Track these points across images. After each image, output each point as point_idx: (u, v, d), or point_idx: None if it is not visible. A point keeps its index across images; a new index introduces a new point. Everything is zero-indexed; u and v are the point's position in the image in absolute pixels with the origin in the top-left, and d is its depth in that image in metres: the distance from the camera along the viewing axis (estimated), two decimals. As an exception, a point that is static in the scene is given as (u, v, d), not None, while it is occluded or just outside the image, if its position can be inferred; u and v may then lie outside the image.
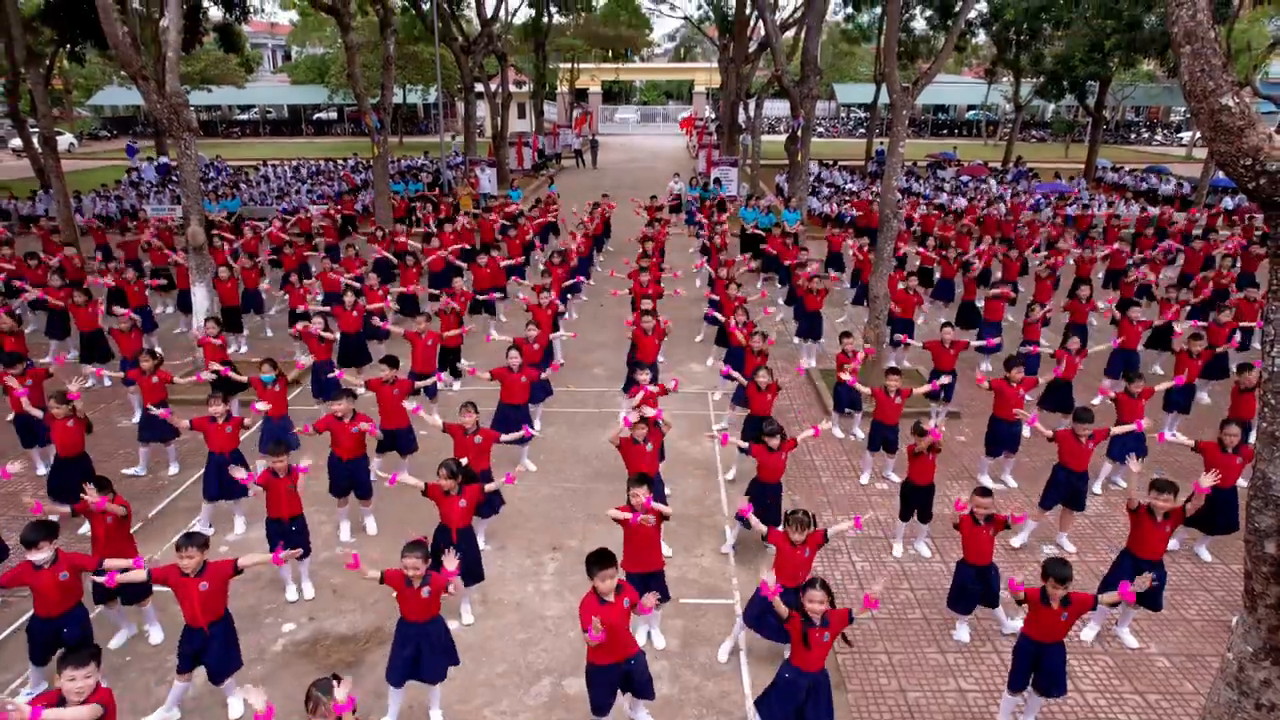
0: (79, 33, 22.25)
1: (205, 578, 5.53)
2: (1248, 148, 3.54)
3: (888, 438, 9.04)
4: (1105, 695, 6.20)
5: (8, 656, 6.51)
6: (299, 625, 6.96)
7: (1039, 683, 5.50)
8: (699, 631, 6.88)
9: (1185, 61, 3.56)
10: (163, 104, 10.59)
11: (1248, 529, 4.08)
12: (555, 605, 7.20)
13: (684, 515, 8.57)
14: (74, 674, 4.33)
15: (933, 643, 6.77)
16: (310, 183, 29.04)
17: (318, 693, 4.24)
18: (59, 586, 5.71)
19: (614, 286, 15.56)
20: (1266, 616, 4.02)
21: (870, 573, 7.71)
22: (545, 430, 10.55)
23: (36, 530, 5.64)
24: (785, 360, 13.07)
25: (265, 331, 14.39)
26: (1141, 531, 6.30)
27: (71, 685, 4.32)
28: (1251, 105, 3.60)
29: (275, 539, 7.08)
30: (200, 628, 5.58)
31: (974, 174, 31.40)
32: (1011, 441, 9.09)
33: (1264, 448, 3.97)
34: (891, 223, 10.91)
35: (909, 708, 6.07)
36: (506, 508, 8.42)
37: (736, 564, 7.82)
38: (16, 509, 8.48)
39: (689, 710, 6.03)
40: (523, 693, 6.19)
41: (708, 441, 10.27)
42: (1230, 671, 4.26)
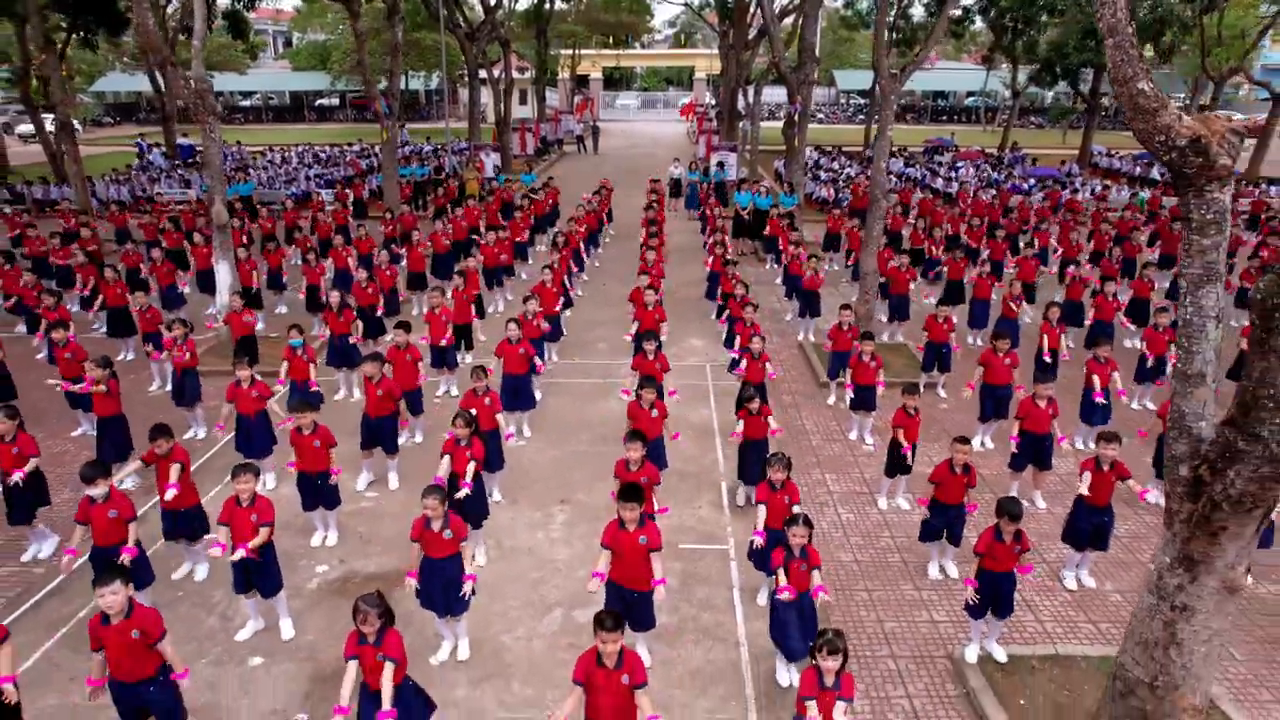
0: (92, 19, 22.70)
1: (255, 509, 6.19)
2: (1161, 125, 4.16)
3: (865, 397, 9.69)
4: (1062, 624, 6.88)
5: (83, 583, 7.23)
6: (330, 567, 7.64)
7: (996, 607, 6.16)
8: (696, 573, 7.55)
9: (1109, 52, 4.17)
10: (189, 90, 11.16)
11: (1167, 455, 4.72)
12: (564, 550, 7.87)
13: (684, 472, 9.25)
14: (102, 591, 4.86)
15: (909, 581, 7.44)
16: (316, 167, 29.64)
17: (364, 605, 4.83)
18: (110, 521, 6.35)
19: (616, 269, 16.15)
20: (1181, 530, 4.67)
21: (855, 524, 8.38)
22: (553, 400, 11.21)
23: (94, 468, 6.32)
24: (779, 337, 13.73)
25: (280, 308, 14.99)
26: (1095, 481, 6.95)
27: (102, 601, 4.87)
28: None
29: (305, 491, 7.75)
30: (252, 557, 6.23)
31: (969, 159, 31.91)
32: (999, 407, 9.71)
33: (1178, 384, 4.61)
34: (880, 202, 11.52)
35: (885, 636, 6.74)
36: (517, 468, 9.10)
37: (731, 515, 8.49)
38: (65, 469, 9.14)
39: (688, 636, 6.70)
40: (536, 622, 6.86)
41: (704, 410, 10.94)
42: (1152, 580, 4.92)
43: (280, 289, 15.12)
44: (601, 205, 19.88)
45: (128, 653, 4.90)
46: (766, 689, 6.14)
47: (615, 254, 19.40)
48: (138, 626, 4.89)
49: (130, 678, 4.95)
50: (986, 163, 31.13)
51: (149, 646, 4.94)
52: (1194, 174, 4.21)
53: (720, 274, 13.98)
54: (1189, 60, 36.16)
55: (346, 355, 11.01)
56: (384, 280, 13.07)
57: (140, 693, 5.01)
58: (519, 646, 6.59)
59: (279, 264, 15.21)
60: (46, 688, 6.06)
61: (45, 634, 6.67)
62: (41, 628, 6.74)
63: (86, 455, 9.37)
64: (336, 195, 22.05)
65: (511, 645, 6.61)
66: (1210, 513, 4.49)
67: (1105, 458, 6.87)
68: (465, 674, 6.28)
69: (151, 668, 5.00)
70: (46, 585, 7.27)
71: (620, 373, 11.85)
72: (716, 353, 12.77)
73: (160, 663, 5.05)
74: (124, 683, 4.96)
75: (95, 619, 4.94)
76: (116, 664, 4.94)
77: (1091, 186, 26.21)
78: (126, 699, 5.02)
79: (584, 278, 16.83)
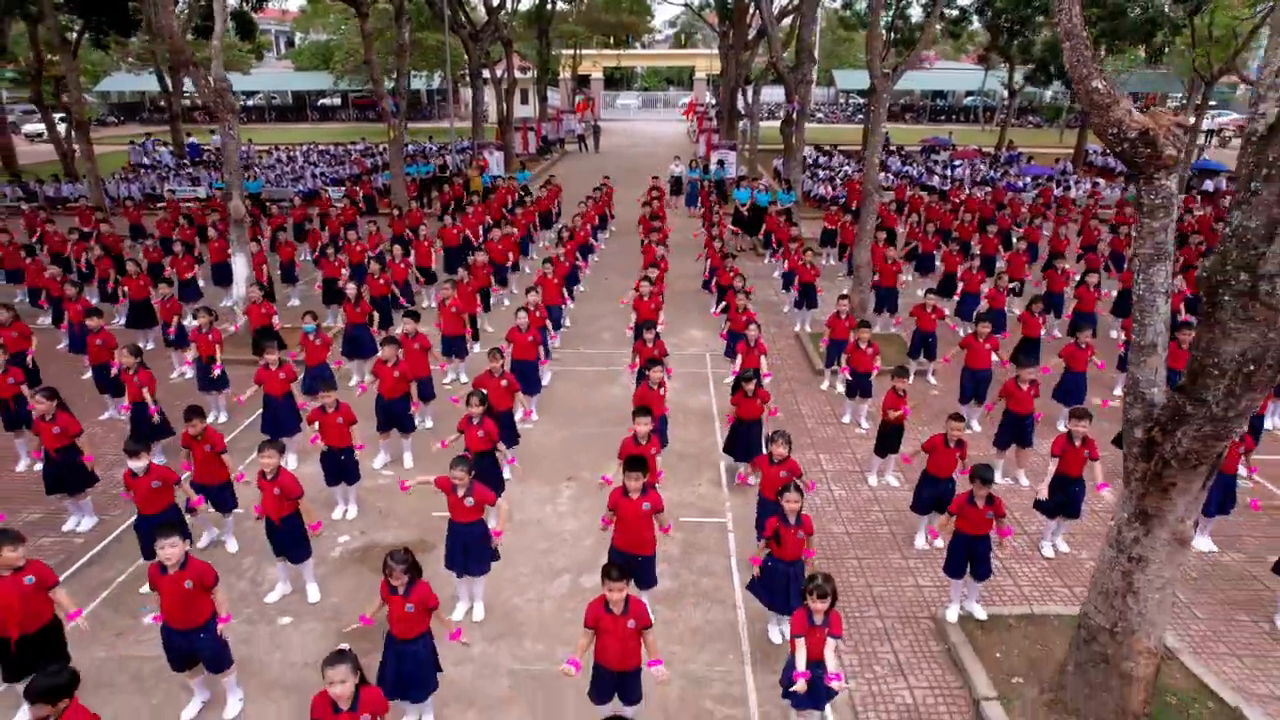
0: (105, 20, 23.16)
1: (278, 483, 6.65)
2: (1113, 119, 4.62)
3: (861, 383, 10.15)
4: (1039, 589, 7.35)
5: (125, 546, 7.73)
6: (352, 537, 8.12)
7: (974, 569, 6.63)
8: (696, 543, 8.02)
9: (1066, 54, 4.63)
10: (209, 89, 11.62)
11: (1123, 420, 5.19)
12: (571, 523, 8.34)
13: (685, 454, 9.73)
14: (163, 543, 5.35)
15: (896, 550, 7.91)
16: (321, 165, 30.12)
17: (392, 562, 5.28)
18: (151, 491, 6.81)
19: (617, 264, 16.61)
20: (1136, 488, 5.14)
21: (847, 499, 8.85)
22: (560, 386, 11.70)
23: (136, 442, 6.78)
24: (776, 327, 14.21)
25: (292, 301, 15.45)
26: (1066, 455, 7.42)
27: (162, 553, 5.36)
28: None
29: (328, 466, 8.22)
30: (276, 522, 6.70)
31: (966, 157, 32.38)
32: (978, 390, 10.19)
33: (1134, 355, 5.07)
34: (873, 197, 11.97)
35: (874, 599, 7.21)
36: (526, 449, 9.57)
37: (729, 492, 8.96)
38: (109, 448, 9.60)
39: (688, 598, 7.17)
40: (546, 585, 7.34)
41: (704, 396, 11.42)
42: (1112, 535, 5.39)
43: (293, 282, 15.59)
44: (602, 201, 20.35)
45: (180, 602, 5.38)
46: (761, 646, 6.60)
47: (617, 250, 19.88)
48: (192, 577, 5.37)
49: (181, 625, 5.43)
50: (982, 161, 31.59)
51: (206, 589, 5.43)
52: (1144, 163, 4.68)
53: (719, 268, 14.48)
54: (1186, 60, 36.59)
55: (362, 345, 11.47)
56: (397, 273, 13.54)
57: (191, 639, 5.49)
58: (530, 608, 7.06)
59: (290, 257, 15.68)
60: (94, 642, 6.52)
61: (88, 597, 7.13)
62: (84, 592, 7.19)
63: (114, 437, 9.90)
64: (346, 192, 22.53)
65: (523, 606, 7.08)
66: (1161, 470, 4.96)
67: (1076, 433, 7.34)
68: (480, 632, 6.75)
69: (201, 617, 5.49)
70: (86, 554, 7.73)
71: (622, 361, 12.31)
72: (716, 343, 13.23)
73: (210, 613, 5.53)
74: (175, 630, 5.43)
75: (154, 566, 5.42)
76: (170, 613, 5.41)
77: (1085, 184, 26.67)
78: (177, 645, 5.50)
79: (587, 272, 17.29)
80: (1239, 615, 6.93)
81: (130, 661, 6.39)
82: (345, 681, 4.30)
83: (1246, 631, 6.74)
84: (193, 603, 5.43)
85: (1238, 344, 4.49)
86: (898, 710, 5.96)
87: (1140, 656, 5.39)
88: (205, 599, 5.50)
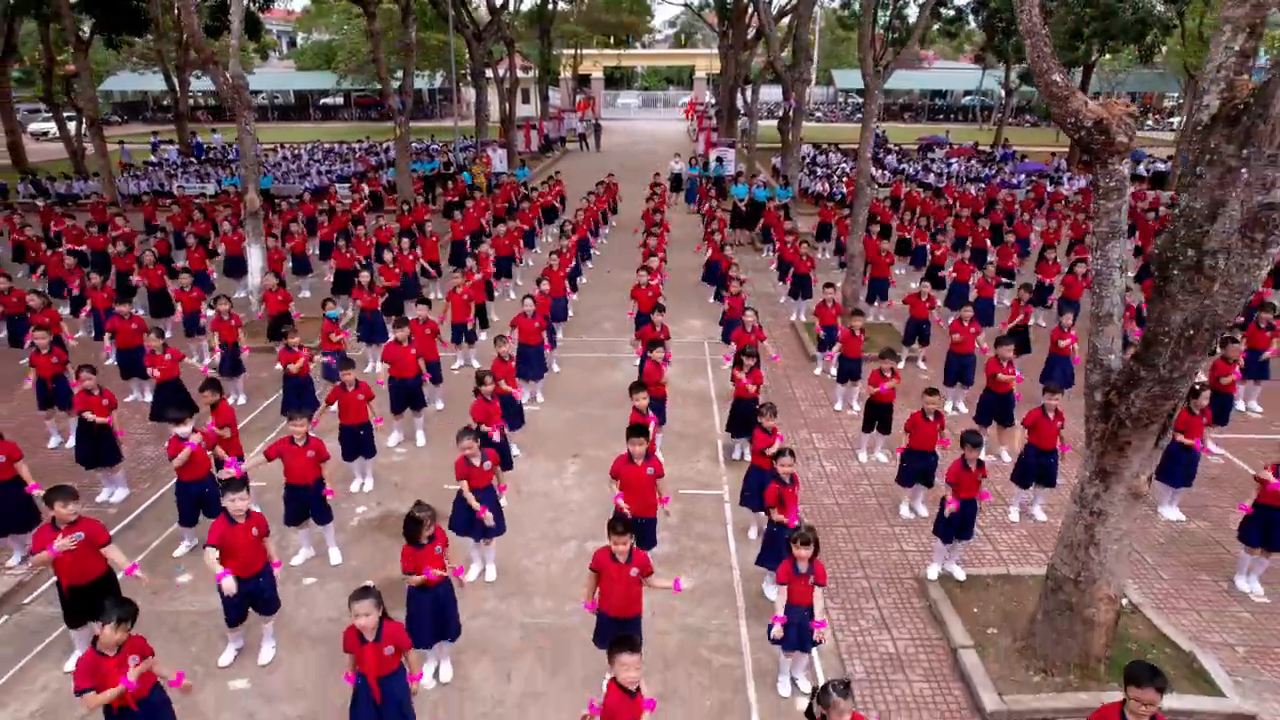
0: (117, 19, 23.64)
1: (310, 446, 7.14)
2: (1071, 110, 5.10)
3: (852, 369, 10.63)
4: (1016, 553, 7.82)
5: (163, 507, 8.22)
6: (369, 508, 8.60)
7: (960, 530, 7.10)
8: (695, 513, 8.51)
9: (1028, 50, 5.11)
10: (227, 86, 12.11)
11: (1085, 384, 5.67)
12: (577, 494, 8.83)
13: (685, 434, 10.23)
14: (233, 497, 5.91)
15: (883, 519, 8.39)
16: (326, 163, 30.63)
17: (416, 511, 5.75)
18: (199, 453, 7.27)
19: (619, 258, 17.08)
20: (1096, 447, 5.62)
21: (838, 474, 9.33)
22: (564, 371, 12.21)
23: (179, 409, 7.25)
24: (772, 317, 14.70)
25: (303, 292, 15.92)
26: (1039, 425, 7.91)
27: (232, 506, 5.91)
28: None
29: (347, 442, 8.70)
30: (306, 485, 7.19)
31: (961, 155, 32.87)
32: (963, 374, 10.67)
33: (1092, 324, 5.55)
34: (865, 190, 12.45)
35: (860, 562, 7.69)
36: (533, 428, 10.06)
37: (726, 467, 9.44)
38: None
39: (687, 561, 7.66)
40: (553, 550, 7.82)
41: (702, 380, 11.91)
42: (1075, 492, 5.87)
43: (304, 274, 16.07)
44: (605, 197, 20.84)
45: (248, 549, 5.92)
46: (755, 602, 7.08)
47: (618, 244, 20.37)
48: (255, 525, 5.97)
49: (247, 572, 5.95)
50: (977, 160, 32.07)
51: (261, 538, 6.01)
52: (1099, 149, 5.16)
53: (718, 259, 15.04)
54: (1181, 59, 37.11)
55: (376, 331, 11.96)
56: (405, 264, 14.02)
57: (252, 583, 6.03)
58: (539, 570, 7.55)
59: (302, 250, 16.16)
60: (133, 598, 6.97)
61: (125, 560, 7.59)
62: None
63: (140, 419, 10.37)
64: (353, 188, 23.02)
65: (532, 569, 7.56)
66: (1117, 430, 5.44)
67: (1050, 406, 7.83)
68: (493, 591, 7.23)
69: (260, 563, 6.05)
70: (120, 522, 8.21)
71: (622, 349, 12.80)
72: (714, 331, 13.70)
73: (266, 559, 6.09)
74: (240, 576, 5.92)
75: (221, 522, 5.91)
76: (238, 562, 5.89)
77: (1078, 181, 27.16)
78: (244, 591, 5.98)
79: (589, 265, 17.79)
80: (1200, 576, 7.41)
81: (168, 615, 6.87)
82: (370, 615, 4.78)
83: (1207, 590, 7.22)
84: (258, 549, 5.99)
85: (1183, 313, 4.98)
86: (881, 658, 6.44)
87: (1101, 603, 5.87)
88: (263, 547, 6.07)
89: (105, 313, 11.96)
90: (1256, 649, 6.46)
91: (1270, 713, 5.78)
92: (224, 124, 56.07)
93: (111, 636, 4.60)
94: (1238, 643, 6.54)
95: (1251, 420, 10.76)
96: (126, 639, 4.70)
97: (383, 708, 4.96)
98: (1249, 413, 10.91)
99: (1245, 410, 10.93)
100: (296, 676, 6.23)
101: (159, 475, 9.18)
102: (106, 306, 11.95)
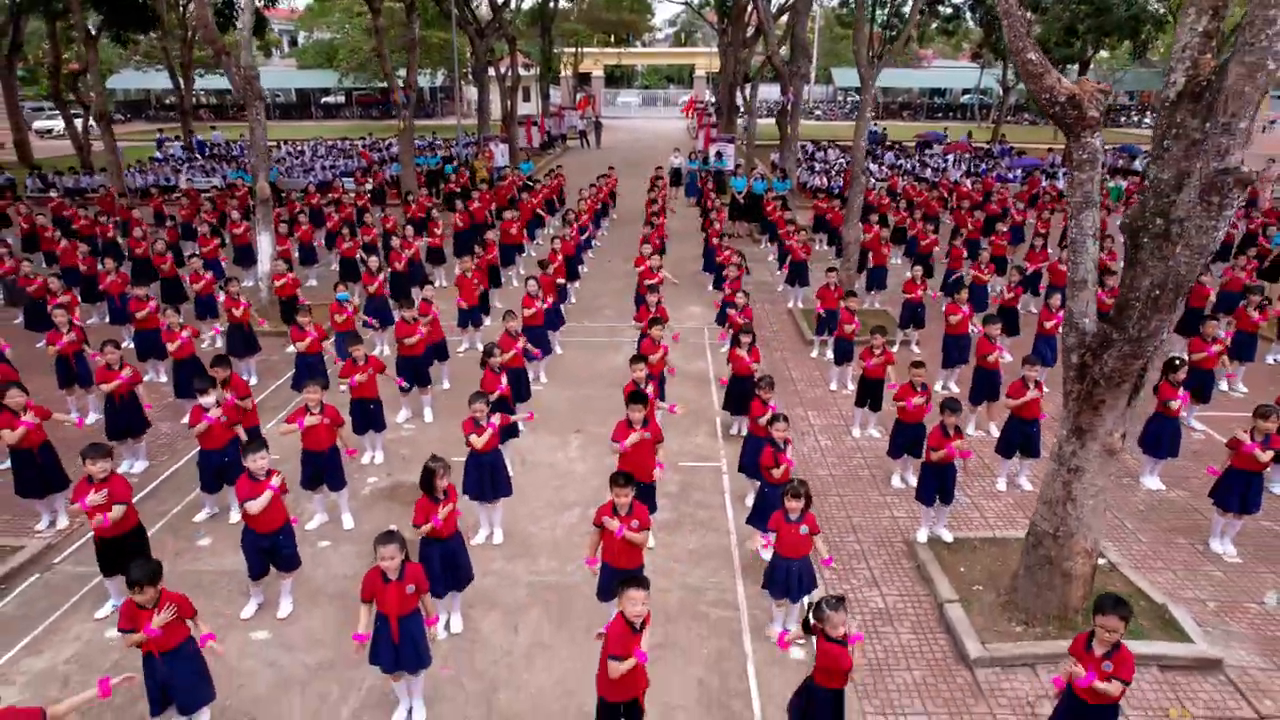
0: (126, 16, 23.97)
1: (325, 413, 7.48)
2: (1046, 86, 5.43)
3: (847, 350, 10.97)
4: (1003, 520, 8.15)
5: (181, 478, 8.55)
6: (380, 478, 8.93)
7: (942, 495, 7.43)
8: (694, 483, 8.84)
9: (1005, 31, 5.44)
10: (239, 77, 12.44)
11: (1062, 347, 5.99)
12: (580, 466, 9.16)
13: (684, 412, 10.52)
14: (255, 457, 6.25)
15: (875, 489, 8.72)
16: (330, 159, 30.98)
17: (431, 463, 6.07)
18: (218, 425, 7.61)
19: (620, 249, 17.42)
20: (1072, 406, 5.95)
21: (832, 448, 9.66)
22: (567, 354, 12.56)
23: (204, 379, 7.59)
24: (771, 304, 15.06)
25: (310, 281, 16.25)
26: (1019, 397, 8.23)
27: (254, 465, 6.25)
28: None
29: (358, 416, 9.02)
30: (322, 451, 7.52)
31: (957, 151, 33.21)
32: (961, 354, 10.99)
33: (1068, 289, 5.88)
34: (860, 178, 12.79)
35: (853, 527, 8.02)
36: (538, 406, 10.39)
37: (724, 441, 9.78)
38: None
39: (686, 526, 7.99)
40: (558, 516, 8.15)
41: (701, 362, 12.26)
42: (1054, 451, 6.20)
43: (311, 263, 16.40)
44: (605, 189, 21.19)
45: (270, 507, 6.26)
46: (751, 563, 7.40)
47: (620, 236, 20.71)
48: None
49: (267, 528, 6.33)
50: (973, 156, 32.39)
51: (285, 494, 6.38)
52: (1072, 124, 5.49)
53: (716, 249, 15.41)
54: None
55: (382, 314, 12.28)
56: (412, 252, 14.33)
57: (272, 541, 6.38)
58: (544, 534, 7.88)
59: (309, 239, 16.49)
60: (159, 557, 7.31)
61: (147, 525, 7.92)
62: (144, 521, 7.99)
63: (155, 398, 10.69)
64: (357, 182, 23.36)
65: (537, 533, 7.89)
66: (1092, 389, 5.77)
67: (1029, 378, 8.17)
68: (500, 552, 7.56)
69: (280, 520, 6.39)
70: (140, 491, 8.53)
71: (624, 333, 13.14)
72: (713, 317, 14.03)
73: (286, 517, 6.42)
74: (261, 534, 6.27)
75: (245, 481, 6.27)
76: (258, 519, 6.25)
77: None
78: (261, 546, 6.36)
79: (590, 255, 18.13)
80: (1178, 539, 7.74)
81: (190, 574, 7.19)
82: (394, 558, 5.11)
83: (1183, 552, 7.54)
84: (275, 507, 6.32)
85: (1151, 277, 5.31)
86: (872, 613, 6.76)
87: (1079, 557, 6.20)
88: (282, 505, 6.40)
89: (120, 298, 12.31)
90: (1226, 604, 6.79)
91: (1235, 658, 6.11)
92: (224, 122, 56.53)
93: (139, 597, 4.92)
94: (1209, 598, 6.86)
95: (1234, 400, 11.08)
96: (160, 595, 5.02)
97: (400, 647, 5.28)
98: (1231, 392, 11.23)
99: (1229, 390, 11.25)
100: (315, 628, 6.56)
101: (176, 450, 9.51)
102: (120, 291, 12.30)
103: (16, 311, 13.76)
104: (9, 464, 8.02)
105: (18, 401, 7.42)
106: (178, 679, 5.10)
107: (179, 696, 5.13)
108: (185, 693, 5.15)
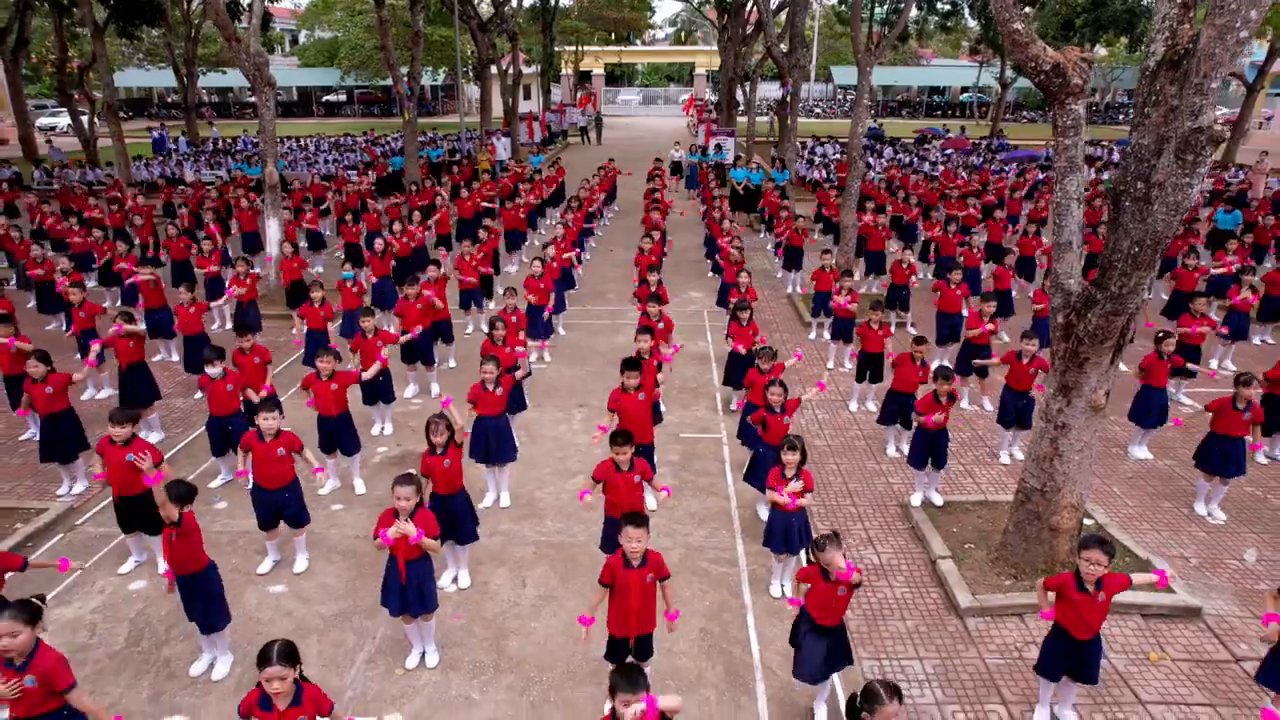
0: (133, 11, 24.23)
1: (336, 379, 7.73)
2: (1031, 55, 5.68)
3: (844, 329, 11.22)
4: (994, 485, 8.40)
5: (195, 448, 8.83)
6: (389, 448, 9.18)
7: (934, 459, 7.68)
8: (695, 452, 9.09)
9: (992, 3, 5.69)
10: (249, 64, 12.69)
11: (1049, 308, 6.24)
12: (583, 438, 9.41)
13: (685, 388, 10.83)
14: (266, 415, 6.49)
15: (871, 458, 8.97)
16: (334, 153, 31.24)
17: (435, 419, 6.32)
18: (226, 394, 7.88)
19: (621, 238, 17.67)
20: (1059, 365, 6.20)
21: (829, 421, 9.91)
22: (570, 335, 12.84)
23: (212, 350, 7.84)
24: (770, 290, 15.32)
25: (316, 266, 16.49)
26: (1014, 370, 8.49)
27: (265, 424, 6.49)
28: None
29: (366, 387, 9.27)
30: (332, 416, 7.78)
31: (956, 146, 33.46)
32: (953, 332, 11.25)
33: (1055, 252, 6.13)
34: (858, 164, 13.03)
35: (849, 493, 8.27)
36: (541, 382, 10.66)
37: (723, 414, 10.03)
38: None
39: (687, 491, 8.24)
40: (563, 482, 8.41)
41: (702, 342, 12.52)
42: (1041, 409, 6.44)
43: (319, 249, 16.67)
44: (606, 181, 21.47)
45: (273, 464, 6.49)
46: (750, 524, 7.65)
47: (620, 226, 21.00)
48: (284, 445, 6.56)
49: (273, 485, 6.54)
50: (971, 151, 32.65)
51: (296, 453, 6.59)
52: (1057, 91, 5.74)
53: (716, 236, 15.66)
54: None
55: (387, 296, 12.53)
56: (415, 239, 14.57)
57: (278, 497, 6.59)
58: (549, 498, 8.13)
59: (316, 225, 16.76)
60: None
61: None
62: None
63: (165, 376, 10.94)
64: (359, 174, 23.62)
65: (543, 497, 8.14)
66: (1077, 347, 6.02)
67: (1026, 352, 8.41)
68: (507, 515, 7.82)
69: (288, 478, 6.59)
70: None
71: (626, 315, 13.40)
72: (713, 301, 14.32)
73: (293, 476, 6.63)
74: (267, 489, 6.49)
75: (251, 435, 6.52)
76: (264, 474, 6.49)
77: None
78: (268, 501, 6.58)
79: (592, 244, 18.39)
80: (1164, 503, 7.99)
81: (208, 534, 7.37)
82: (410, 499, 5.35)
83: (1168, 514, 7.79)
84: (282, 464, 6.53)
85: (1131, 237, 5.55)
86: (866, 568, 7.00)
87: (1065, 511, 6.45)
88: (290, 464, 6.61)
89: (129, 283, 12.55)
90: (1208, 560, 7.04)
91: (1214, 608, 6.36)
92: (225, 120, 56.84)
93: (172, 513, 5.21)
94: (1191, 555, 7.11)
95: (1225, 378, 11.31)
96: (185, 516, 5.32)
97: (407, 589, 5.53)
98: (1223, 370, 11.48)
99: (1220, 368, 11.50)
100: (330, 582, 6.81)
101: (189, 422, 9.76)
102: (131, 273, 12.53)
103: (29, 295, 13.99)
104: (34, 433, 8.25)
105: (39, 371, 7.68)
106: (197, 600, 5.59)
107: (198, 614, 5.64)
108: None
